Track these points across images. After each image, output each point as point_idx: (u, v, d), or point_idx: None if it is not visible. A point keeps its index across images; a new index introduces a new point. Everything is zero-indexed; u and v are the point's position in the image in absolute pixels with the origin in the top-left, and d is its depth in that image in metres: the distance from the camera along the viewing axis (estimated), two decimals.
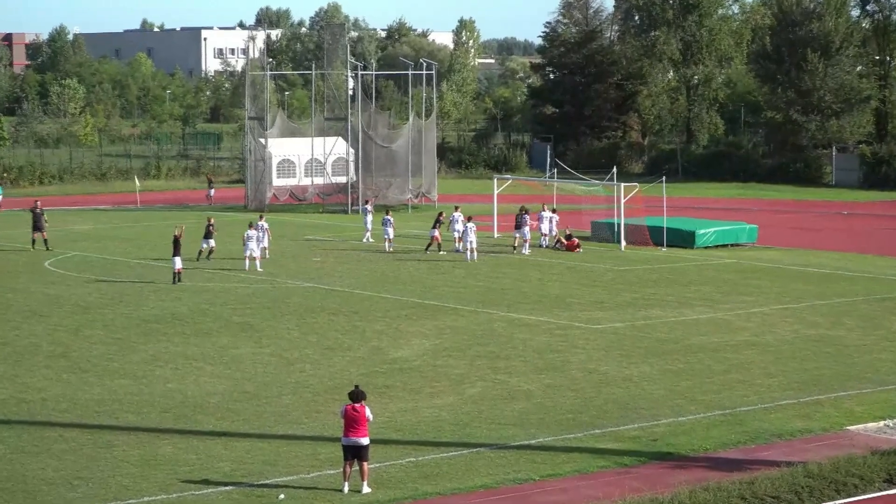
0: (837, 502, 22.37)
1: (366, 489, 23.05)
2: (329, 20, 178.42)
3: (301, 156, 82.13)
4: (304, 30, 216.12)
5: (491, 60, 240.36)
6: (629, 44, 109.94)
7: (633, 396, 30.29)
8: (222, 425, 27.65)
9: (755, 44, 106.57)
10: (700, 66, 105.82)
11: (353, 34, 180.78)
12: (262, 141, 78.49)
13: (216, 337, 37.48)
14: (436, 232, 56.10)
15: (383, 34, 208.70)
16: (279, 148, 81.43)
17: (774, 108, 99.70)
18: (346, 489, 23.08)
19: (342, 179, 79.17)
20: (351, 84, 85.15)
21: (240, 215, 70.17)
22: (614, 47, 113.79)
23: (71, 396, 30.24)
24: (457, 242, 56.46)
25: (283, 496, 22.77)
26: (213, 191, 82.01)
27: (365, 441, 23.21)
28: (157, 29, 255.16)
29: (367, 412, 23.39)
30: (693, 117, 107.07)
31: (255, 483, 23.60)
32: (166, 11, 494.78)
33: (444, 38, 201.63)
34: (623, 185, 58.54)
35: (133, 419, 28.20)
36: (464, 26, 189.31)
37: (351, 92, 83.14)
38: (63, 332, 38.24)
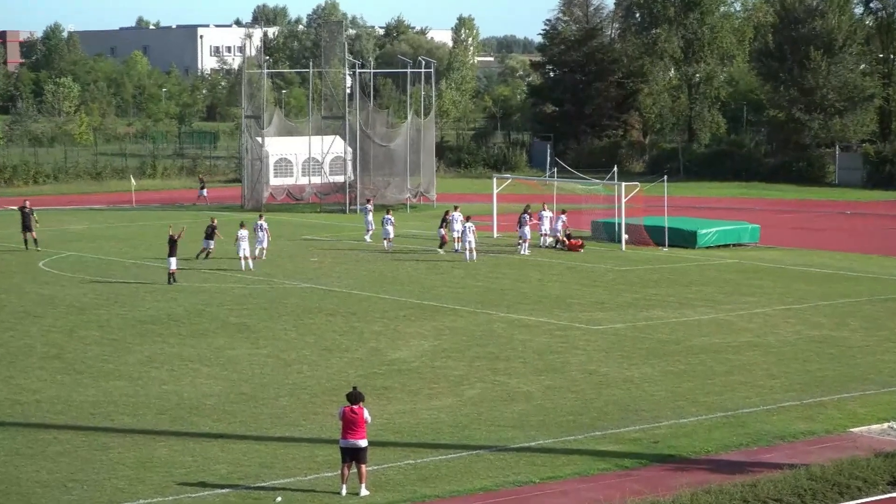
0: None
1: (364, 492, 23.06)
2: (326, 17, 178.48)
3: (298, 155, 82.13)
4: (301, 27, 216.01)
5: (490, 58, 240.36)
6: (630, 41, 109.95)
7: (633, 398, 30.30)
8: (219, 427, 27.65)
9: (757, 41, 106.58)
10: (702, 64, 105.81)
11: (351, 32, 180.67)
12: (259, 140, 78.46)
13: (212, 338, 37.48)
14: (444, 231, 56.27)
15: (381, 32, 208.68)
16: (276, 147, 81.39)
17: (777, 107, 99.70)
18: (343, 492, 23.09)
19: (340, 179, 79.16)
20: (349, 82, 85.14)
21: (235, 215, 70.03)
22: (615, 45, 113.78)
23: (65, 398, 30.24)
24: (456, 242, 56.52)
25: (280, 499, 22.78)
26: (205, 191, 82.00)
27: (363, 443, 23.22)
28: (152, 27, 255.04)
29: (366, 414, 23.40)
30: (694, 116, 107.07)
31: (251, 486, 23.61)
32: (162, 9, 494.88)
33: (442, 35, 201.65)
34: (624, 184, 58.59)
35: (128, 421, 28.20)
36: (463, 24, 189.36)
37: (349, 90, 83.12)
38: (57, 333, 38.23)
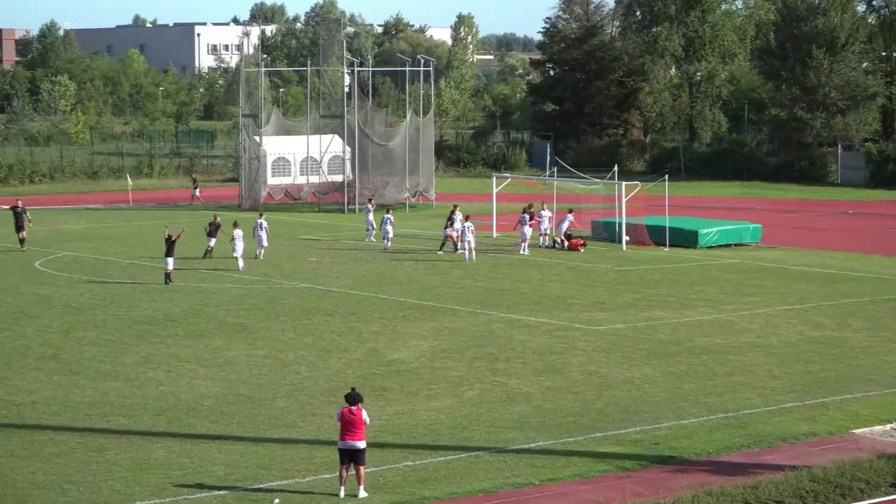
0: None
1: (362, 493, 23.06)
2: (325, 15, 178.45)
3: (296, 154, 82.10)
4: (299, 25, 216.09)
5: (490, 57, 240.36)
6: (631, 40, 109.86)
7: (634, 399, 30.31)
8: (216, 428, 27.65)
9: (759, 40, 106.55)
10: (703, 62, 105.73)
11: (350, 30, 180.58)
12: (257, 139, 78.45)
13: (210, 338, 37.48)
14: (449, 231, 56.32)
15: (380, 30, 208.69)
16: (274, 146, 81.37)
17: (779, 106, 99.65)
18: (342, 494, 23.10)
19: (338, 178, 79.13)
20: (347, 81, 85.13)
21: (233, 214, 69.95)
22: (615, 43, 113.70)
23: (62, 399, 30.24)
24: (456, 242, 56.67)
25: (277, 501, 22.77)
26: (198, 191, 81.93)
27: (361, 444, 23.23)
28: (149, 25, 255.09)
29: (364, 415, 23.41)
30: (696, 115, 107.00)
31: (249, 487, 23.61)
32: (159, 7, 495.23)
33: (442, 33, 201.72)
34: (624, 183, 58.58)
35: (125, 422, 28.20)
36: (462, 22, 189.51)
37: (347, 89, 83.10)
38: (54, 333, 38.23)
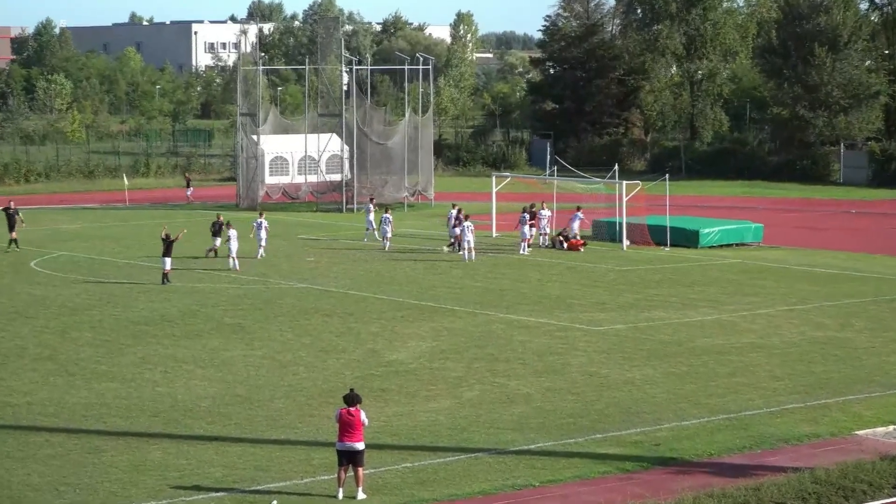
0: None
1: (361, 495, 23.06)
2: (323, 13, 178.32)
3: (294, 153, 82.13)
4: (297, 23, 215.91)
5: (489, 55, 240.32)
6: (631, 38, 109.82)
7: (635, 400, 30.31)
8: (213, 430, 27.65)
9: (761, 38, 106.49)
10: (704, 60, 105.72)
11: (348, 28, 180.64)
12: (255, 138, 78.45)
13: (207, 339, 37.48)
14: (458, 230, 56.31)
15: (378, 28, 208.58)
16: (272, 145, 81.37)
17: (781, 104, 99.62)
18: (340, 495, 23.10)
19: (336, 177, 79.15)
20: (345, 79, 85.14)
21: (230, 214, 69.97)
22: (616, 41, 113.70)
23: (58, 400, 30.24)
24: (452, 241, 56.89)
25: (275, 502, 22.77)
26: (191, 190, 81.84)
27: (360, 446, 23.23)
28: (146, 22, 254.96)
29: (363, 416, 23.41)
30: (697, 113, 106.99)
31: (247, 489, 23.61)
32: (155, 5, 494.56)
33: (441, 31, 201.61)
34: (625, 183, 58.59)
35: (121, 424, 28.20)
36: (461, 20, 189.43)
37: (345, 87, 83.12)
38: (49, 333, 38.23)
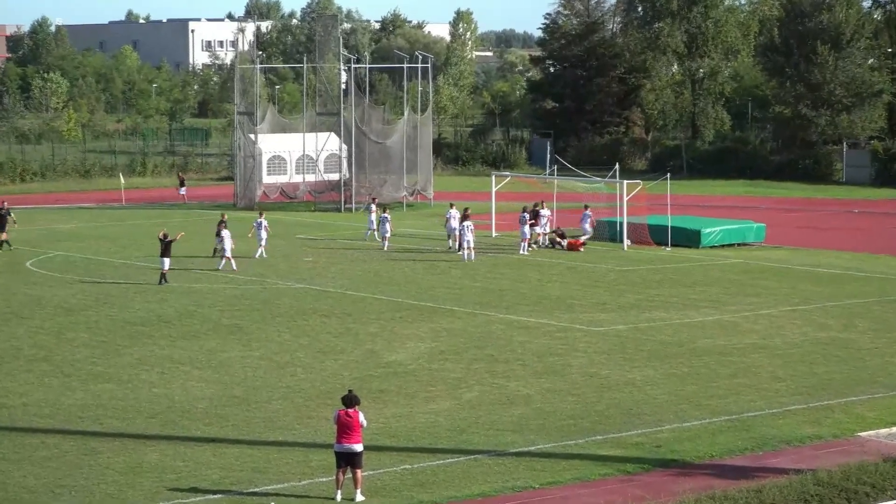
0: None
1: (359, 497, 23.06)
2: (321, 11, 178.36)
3: (292, 152, 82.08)
4: (295, 21, 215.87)
5: (489, 53, 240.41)
6: (632, 36, 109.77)
7: (636, 401, 30.30)
8: (210, 431, 27.65)
9: (763, 36, 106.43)
10: (706, 59, 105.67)
11: (346, 26, 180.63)
12: (252, 137, 78.42)
13: (204, 340, 37.47)
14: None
15: (377, 26, 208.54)
16: (269, 144, 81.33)
17: (783, 103, 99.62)
18: (338, 497, 23.10)
19: (335, 176, 79.14)
20: (344, 78, 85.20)
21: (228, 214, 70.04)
22: (617, 40, 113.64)
23: (53, 401, 30.23)
24: (450, 241, 56.94)
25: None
26: (183, 189, 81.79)
27: (358, 447, 23.23)
28: (142, 20, 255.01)
29: (361, 418, 23.41)
30: (698, 112, 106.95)
31: (244, 491, 23.61)
32: (152, 2, 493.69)
33: (440, 30, 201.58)
34: (626, 182, 58.58)
35: (118, 425, 28.19)
36: (461, 18, 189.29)
37: (344, 86, 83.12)
38: (45, 334, 38.22)
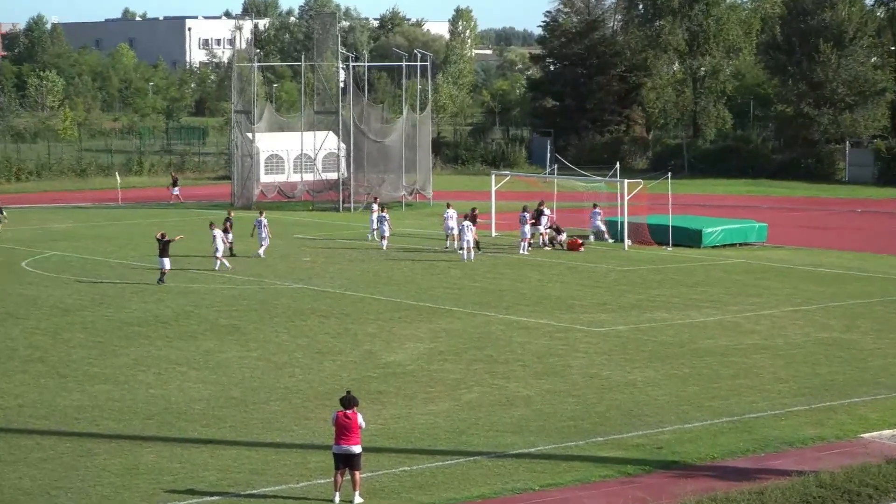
0: None
1: (358, 499, 23.06)
2: (319, 9, 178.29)
3: (290, 151, 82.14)
4: (293, 19, 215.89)
5: (488, 51, 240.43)
6: (633, 34, 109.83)
7: (636, 402, 30.31)
8: (208, 433, 27.64)
9: (765, 34, 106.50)
10: (707, 57, 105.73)
11: (345, 24, 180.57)
12: (250, 135, 78.44)
13: (201, 340, 37.48)
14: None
15: (376, 24, 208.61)
16: (267, 143, 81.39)
17: (785, 101, 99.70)
18: (337, 499, 23.10)
19: (333, 176, 79.17)
20: (342, 76, 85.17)
21: (224, 213, 70.02)
22: (617, 37, 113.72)
23: (49, 402, 30.23)
24: (448, 241, 57.05)
25: None
26: (177, 189, 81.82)
27: (357, 449, 23.23)
28: (139, 18, 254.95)
29: (359, 419, 23.41)
30: (700, 111, 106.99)
31: (241, 493, 23.61)
32: (149, 0, 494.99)
33: (439, 27, 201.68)
34: (626, 181, 58.60)
35: (114, 426, 28.19)
36: (460, 15, 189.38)
37: (342, 84, 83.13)
38: (41, 335, 38.22)
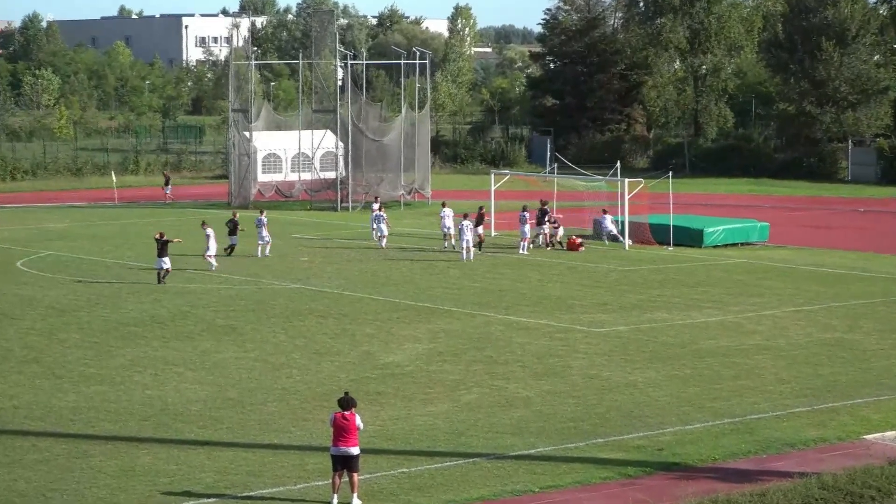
0: None
1: (356, 501, 23.05)
2: (317, 7, 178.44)
3: (287, 150, 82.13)
4: (290, 17, 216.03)
5: (488, 49, 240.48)
6: (634, 32, 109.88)
7: (637, 403, 30.30)
8: (204, 434, 27.63)
9: (767, 32, 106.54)
10: (708, 55, 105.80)
11: (343, 21, 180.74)
12: (247, 134, 78.44)
13: (198, 341, 37.47)
14: (480, 230, 56.32)
15: (374, 21, 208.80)
16: (264, 142, 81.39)
17: (787, 100, 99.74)
18: (335, 501, 23.08)
19: (331, 175, 79.16)
20: (340, 74, 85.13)
21: (224, 213, 70.04)
22: (618, 35, 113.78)
23: (44, 404, 30.22)
24: (446, 241, 57.08)
25: None
26: (169, 188, 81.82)
27: (355, 451, 23.22)
28: (135, 16, 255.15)
29: (358, 420, 23.40)
30: (701, 109, 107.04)
31: (239, 495, 23.60)
32: None
33: (438, 25, 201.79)
34: (627, 180, 58.61)
35: (110, 428, 28.18)
36: (459, 13, 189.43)
37: (340, 82, 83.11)
38: (36, 335, 38.20)
